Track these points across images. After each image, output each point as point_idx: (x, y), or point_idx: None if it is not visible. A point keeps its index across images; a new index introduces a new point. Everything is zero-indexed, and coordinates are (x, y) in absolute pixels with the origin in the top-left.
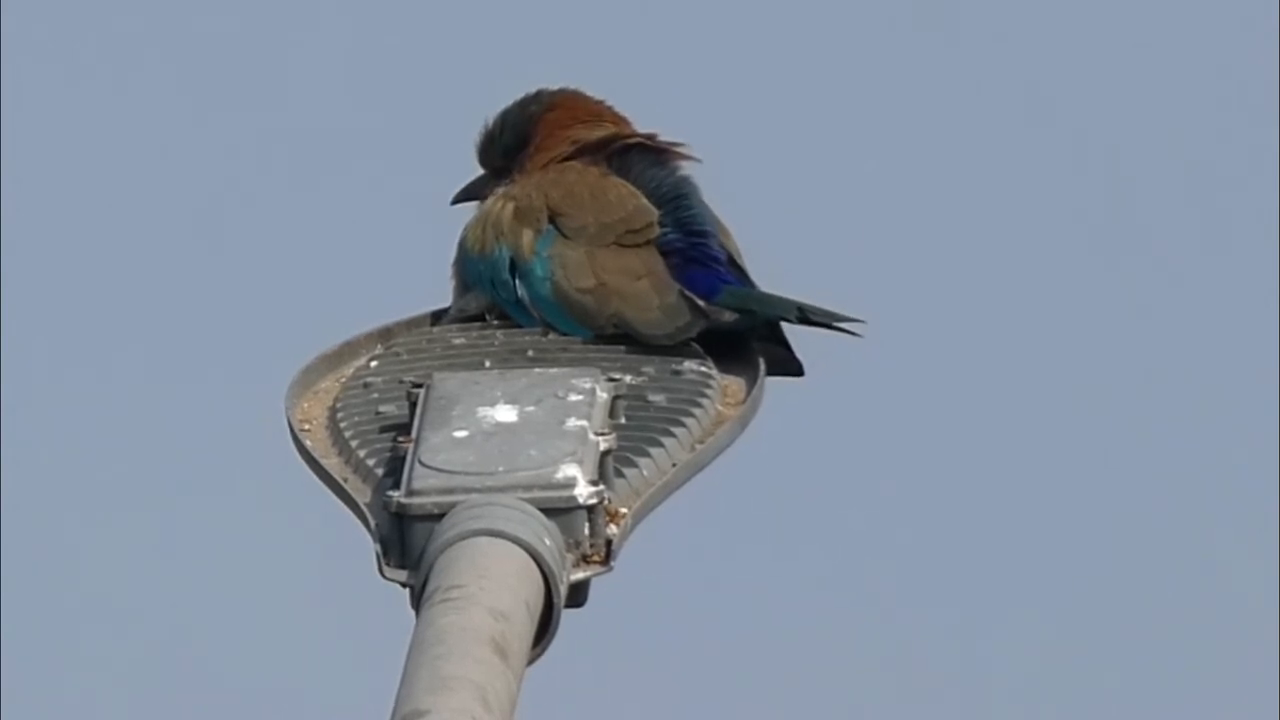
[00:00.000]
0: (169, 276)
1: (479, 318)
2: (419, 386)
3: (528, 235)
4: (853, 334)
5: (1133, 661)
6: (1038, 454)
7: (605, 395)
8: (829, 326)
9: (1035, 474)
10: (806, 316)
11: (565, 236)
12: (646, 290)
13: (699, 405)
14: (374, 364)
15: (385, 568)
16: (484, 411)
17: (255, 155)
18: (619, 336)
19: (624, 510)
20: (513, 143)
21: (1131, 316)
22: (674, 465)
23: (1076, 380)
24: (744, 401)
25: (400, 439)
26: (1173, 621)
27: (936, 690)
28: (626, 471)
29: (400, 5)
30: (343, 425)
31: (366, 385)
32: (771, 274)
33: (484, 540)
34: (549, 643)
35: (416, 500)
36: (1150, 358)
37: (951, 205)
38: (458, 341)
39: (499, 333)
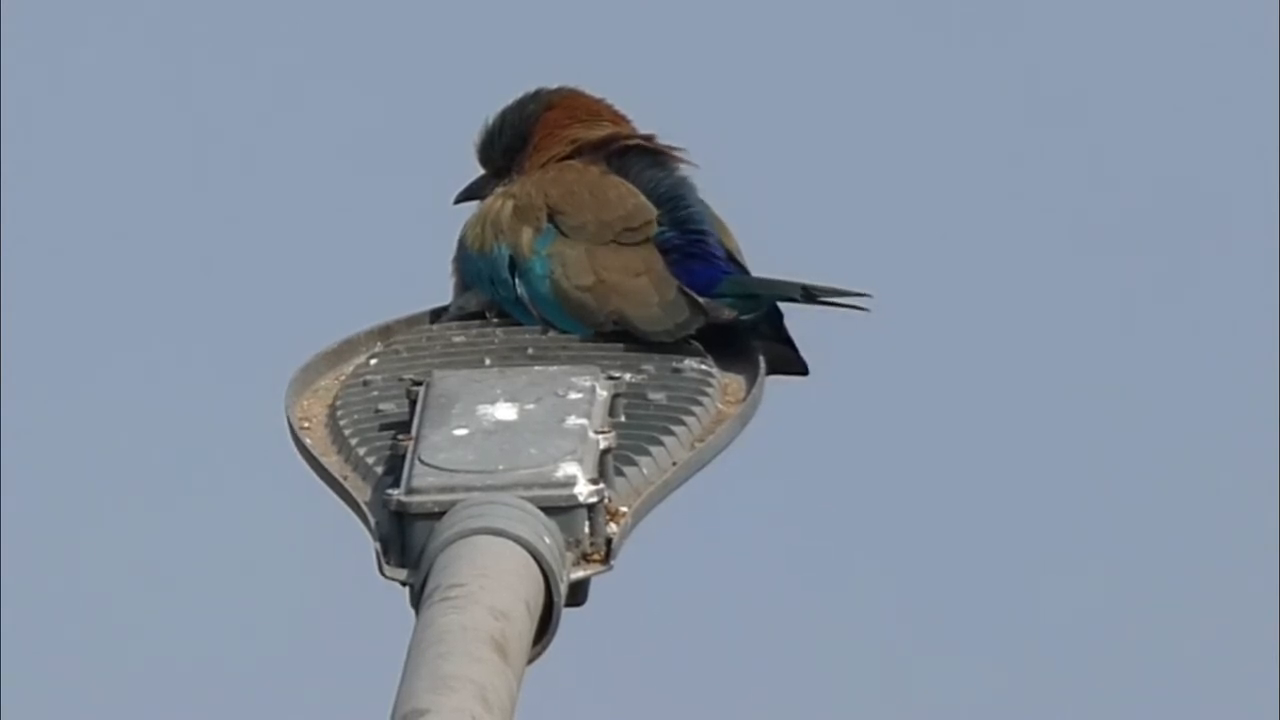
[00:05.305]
0: (168, 275)
1: (479, 315)
2: (419, 384)
3: (527, 233)
4: (860, 309)
5: (1134, 654)
6: (1041, 449)
7: (605, 393)
8: (835, 304)
9: (1039, 469)
10: (812, 295)
11: (564, 234)
12: (646, 287)
13: (699, 403)
14: (374, 362)
15: (385, 566)
16: (484, 409)
17: (256, 154)
18: (618, 334)
19: (624, 509)
20: (512, 142)
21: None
22: (674, 464)
23: (1077, 379)
24: (744, 399)
25: (400, 437)
26: (1175, 618)
27: (938, 689)
28: (626, 470)
29: (401, 5)
30: (342, 423)
31: (366, 383)
32: (772, 273)
33: (484, 539)
34: (549, 641)
35: (416, 499)
36: (1157, 342)
37: (952, 198)
38: (457, 339)
39: (499, 330)
